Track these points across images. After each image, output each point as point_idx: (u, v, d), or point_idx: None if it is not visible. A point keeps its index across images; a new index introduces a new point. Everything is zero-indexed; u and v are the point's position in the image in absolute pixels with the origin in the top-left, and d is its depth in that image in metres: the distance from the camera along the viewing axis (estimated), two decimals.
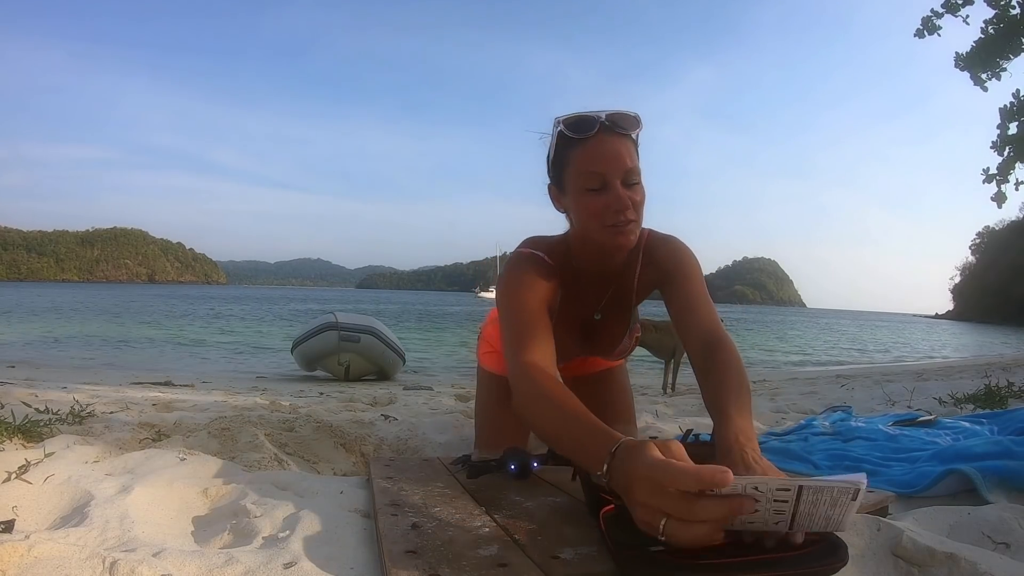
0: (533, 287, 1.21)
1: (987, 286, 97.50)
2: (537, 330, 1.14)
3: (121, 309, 25.96)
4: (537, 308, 1.18)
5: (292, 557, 0.79)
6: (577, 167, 1.13)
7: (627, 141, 1.14)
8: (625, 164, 1.11)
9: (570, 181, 1.15)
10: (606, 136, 1.12)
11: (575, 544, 0.80)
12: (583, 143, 1.12)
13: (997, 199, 7.44)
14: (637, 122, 1.15)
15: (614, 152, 1.11)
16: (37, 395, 2.53)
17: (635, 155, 1.14)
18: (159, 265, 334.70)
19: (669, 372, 5.22)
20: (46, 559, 0.73)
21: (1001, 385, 2.60)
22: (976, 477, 1.09)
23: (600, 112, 1.13)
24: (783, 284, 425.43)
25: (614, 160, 1.10)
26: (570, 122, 1.13)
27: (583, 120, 1.12)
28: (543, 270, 1.24)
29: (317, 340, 6.68)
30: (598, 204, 1.11)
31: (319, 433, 1.86)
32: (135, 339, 12.86)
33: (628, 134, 1.14)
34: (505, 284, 1.23)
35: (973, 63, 7.17)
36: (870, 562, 0.78)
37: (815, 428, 1.88)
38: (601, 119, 1.11)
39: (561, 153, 1.16)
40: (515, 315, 1.17)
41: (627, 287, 1.34)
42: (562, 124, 1.13)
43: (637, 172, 1.13)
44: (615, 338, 1.44)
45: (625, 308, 1.39)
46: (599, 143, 1.11)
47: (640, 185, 1.14)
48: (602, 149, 1.11)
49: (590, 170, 1.11)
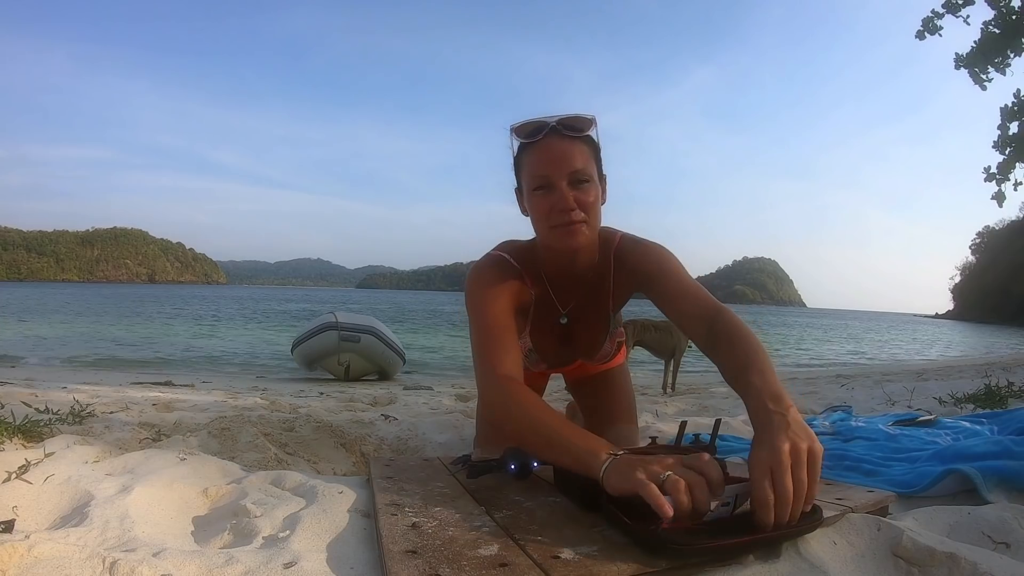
0: (497, 291, 1.22)
1: (987, 286, 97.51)
2: (503, 338, 1.16)
3: (121, 309, 25.97)
4: (501, 313, 1.20)
5: (292, 557, 0.79)
6: (528, 169, 1.18)
7: (578, 143, 1.16)
8: (572, 165, 1.13)
9: (524, 183, 1.20)
10: (554, 139, 1.15)
11: (575, 544, 0.80)
12: (533, 147, 1.17)
13: (997, 199, 7.44)
14: (589, 123, 1.18)
15: (560, 154, 1.14)
16: (37, 395, 2.53)
17: (587, 156, 1.16)
18: (159, 265, 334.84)
19: (669, 372, 5.22)
20: (46, 559, 0.73)
21: (1001, 385, 2.60)
22: (976, 477, 1.09)
23: (554, 117, 1.16)
24: (783, 284, 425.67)
25: (559, 162, 1.13)
26: (520, 128, 1.18)
27: (531, 125, 1.17)
28: (507, 273, 1.26)
29: (317, 340, 6.68)
30: (545, 205, 1.14)
31: (319, 433, 1.86)
32: (135, 339, 12.86)
33: (579, 136, 1.17)
34: (470, 289, 1.25)
35: (973, 63, 7.17)
36: (870, 562, 0.78)
37: (815, 428, 1.88)
38: (551, 123, 1.15)
39: (518, 157, 1.21)
40: (480, 321, 1.18)
41: (602, 291, 1.34)
42: (515, 132, 1.19)
43: (587, 173, 1.15)
44: (594, 343, 1.43)
45: (601, 313, 1.38)
46: (547, 146, 1.15)
47: (592, 185, 1.16)
48: (549, 152, 1.15)
49: (537, 172, 1.15)
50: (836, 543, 0.82)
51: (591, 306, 1.36)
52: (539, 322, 1.35)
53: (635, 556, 0.75)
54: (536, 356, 1.41)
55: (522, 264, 1.29)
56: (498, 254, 1.30)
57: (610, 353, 1.50)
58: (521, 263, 1.29)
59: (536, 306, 1.32)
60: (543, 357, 1.42)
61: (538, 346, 1.39)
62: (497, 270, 1.26)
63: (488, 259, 1.30)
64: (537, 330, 1.36)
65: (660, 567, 0.74)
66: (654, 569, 0.73)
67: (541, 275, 1.30)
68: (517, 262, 1.29)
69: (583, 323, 1.38)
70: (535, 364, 1.44)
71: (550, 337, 1.39)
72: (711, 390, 5.19)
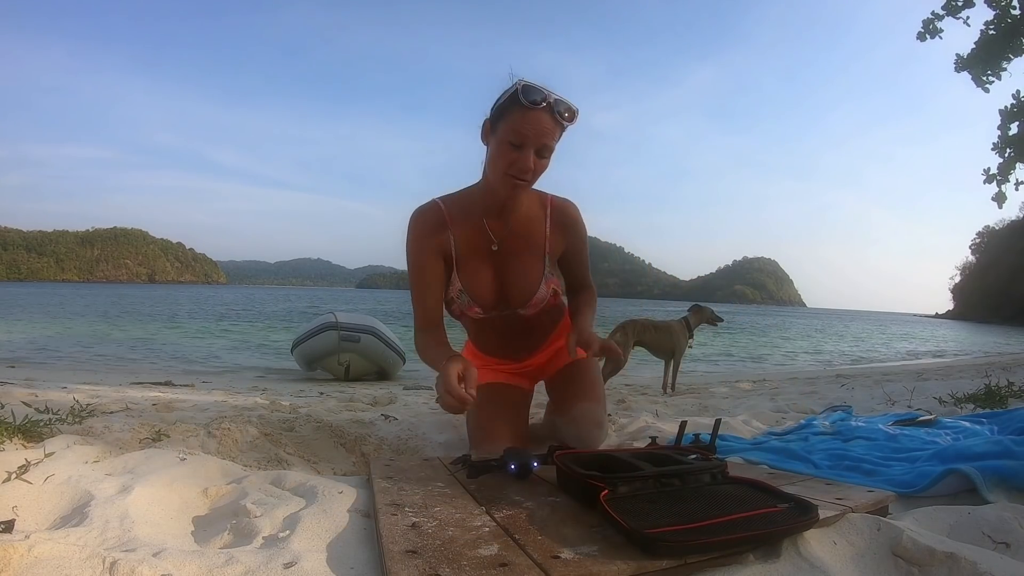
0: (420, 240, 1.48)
1: (987, 286, 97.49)
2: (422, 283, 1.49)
3: (121, 309, 25.97)
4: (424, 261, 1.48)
5: (292, 557, 0.79)
6: (511, 123, 1.33)
7: (558, 125, 1.35)
8: (546, 140, 1.33)
9: (501, 130, 1.35)
10: (544, 114, 1.32)
11: (575, 544, 0.80)
12: (525, 109, 1.31)
13: (998, 199, 7.43)
14: (574, 117, 1.36)
15: (543, 128, 1.32)
16: (37, 395, 2.53)
17: (557, 136, 1.36)
18: (159, 265, 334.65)
19: (669, 372, 5.22)
20: (46, 559, 0.73)
21: (1001, 385, 2.61)
22: (976, 477, 1.09)
23: (552, 93, 1.32)
24: (783, 284, 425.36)
25: (540, 134, 1.32)
26: (524, 89, 1.31)
27: (535, 92, 1.31)
28: (431, 216, 1.49)
29: (317, 340, 6.67)
30: (510, 158, 1.34)
31: (319, 433, 1.86)
32: (135, 339, 12.86)
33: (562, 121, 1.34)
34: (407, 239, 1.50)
35: (974, 64, 7.16)
36: (870, 562, 0.78)
37: (815, 428, 1.88)
38: (549, 99, 1.31)
39: (507, 106, 1.34)
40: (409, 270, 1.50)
41: (536, 231, 1.54)
42: (521, 90, 1.31)
43: (551, 149, 1.36)
44: (529, 283, 1.53)
45: (536, 251, 1.53)
46: (537, 116, 1.31)
47: (548, 160, 1.38)
48: (537, 123, 1.31)
49: (519, 131, 1.32)
50: (836, 543, 0.82)
51: (525, 243, 1.53)
52: (470, 257, 1.51)
53: (635, 556, 0.75)
54: (467, 298, 1.53)
55: (451, 206, 1.50)
56: (431, 201, 1.52)
57: (545, 298, 1.56)
58: (449, 205, 1.50)
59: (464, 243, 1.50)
60: (476, 299, 1.53)
61: (469, 286, 1.52)
62: (422, 219, 1.50)
63: (419, 209, 1.51)
64: (468, 268, 1.51)
65: (660, 567, 0.74)
66: (654, 569, 0.73)
67: (475, 212, 1.49)
68: (446, 205, 1.50)
69: (518, 259, 1.52)
70: (468, 307, 1.54)
71: (483, 274, 1.52)
72: (711, 390, 5.19)
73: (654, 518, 0.81)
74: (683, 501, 0.89)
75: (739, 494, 0.92)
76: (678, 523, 0.79)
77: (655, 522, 0.79)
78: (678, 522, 0.80)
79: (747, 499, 0.90)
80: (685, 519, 0.81)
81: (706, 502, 0.88)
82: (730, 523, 0.81)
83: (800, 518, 0.82)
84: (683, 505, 0.87)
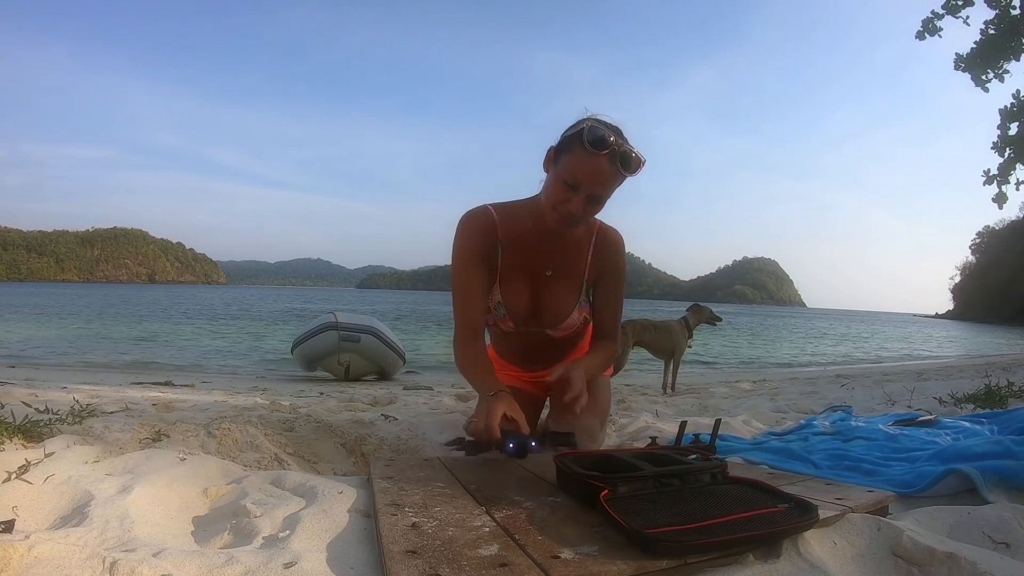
0: (469, 246, 1.45)
1: (987, 286, 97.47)
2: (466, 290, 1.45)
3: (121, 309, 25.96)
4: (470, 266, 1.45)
5: (292, 557, 0.79)
6: (570, 162, 1.31)
7: (619, 176, 1.32)
8: (600, 189, 1.32)
9: (560, 164, 1.33)
10: (605, 160, 1.28)
11: (575, 544, 0.80)
12: (588, 154, 1.28)
13: (998, 199, 7.43)
14: (637, 169, 1.32)
15: (601, 175, 1.30)
16: (37, 395, 2.53)
17: (613, 187, 1.34)
18: (159, 265, 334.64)
19: (669, 372, 5.22)
20: (46, 559, 0.73)
21: (1001, 385, 2.61)
22: (976, 477, 1.09)
23: (620, 140, 1.30)
24: (783, 284, 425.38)
25: (595, 181, 1.30)
26: (592, 134, 1.28)
27: (601, 140, 1.28)
28: (482, 222, 1.46)
29: (317, 340, 6.66)
30: (562, 196, 1.32)
31: (319, 433, 1.86)
32: (135, 339, 12.86)
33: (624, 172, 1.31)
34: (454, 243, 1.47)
35: (973, 64, 7.16)
36: (870, 562, 0.78)
37: (815, 428, 1.88)
38: (615, 149, 1.28)
39: (573, 142, 1.31)
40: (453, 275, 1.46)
41: (581, 259, 1.53)
42: (586, 131, 1.28)
43: (604, 198, 1.34)
44: (564, 307, 1.53)
45: (577, 277, 1.53)
46: (597, 163, 1.28)
47: (600, 207, 1.36)
48: (596, 170, 1.29)
49: (576, 174, 1.30)
50: (836, 543, 0.82)
51: (569, 267, 1.53)
52: (515, 273, 1.49)
53: (635, 556, 0.75)
54: (504, 311, 1.52)
55: (503, 216, 1.47)
56: (482, 206, 1.49)
57: (576, 324, 1.56)
58: (501, 215, 1.47)
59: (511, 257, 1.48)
60: (511, 313, 1.53)
61: (508, 300, 1.52)
62: (474, 224, 1.47)
63: (470, 213, 1.48)
64: (511, 282, 1.50)
65: (660, 567, 0.74)
66: (654, 569, 0.73)
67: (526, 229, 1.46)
68: (498, 214, 1.47)
69: (558, 282, 1.52)
70: (502, 319, 1.55)
71: (523, 292, 1.52)
72: (711, 390, 5.19)
73: (654, 518, 0.81)
74: (683, 501, 0.89)
75: (739, 494, 0.93)
76: (678, 523, 0.80)
77: (655, 522, 0.79)
78: (678, 522, 0.80)
79: (747, 499, 0.90)
80: (685, 519, 0.81)
81: (706, 502, 0.89)
82: (730, 523, 0.81)
83: (800, 518, 0.83)
84: (683, 505, 0.87)
